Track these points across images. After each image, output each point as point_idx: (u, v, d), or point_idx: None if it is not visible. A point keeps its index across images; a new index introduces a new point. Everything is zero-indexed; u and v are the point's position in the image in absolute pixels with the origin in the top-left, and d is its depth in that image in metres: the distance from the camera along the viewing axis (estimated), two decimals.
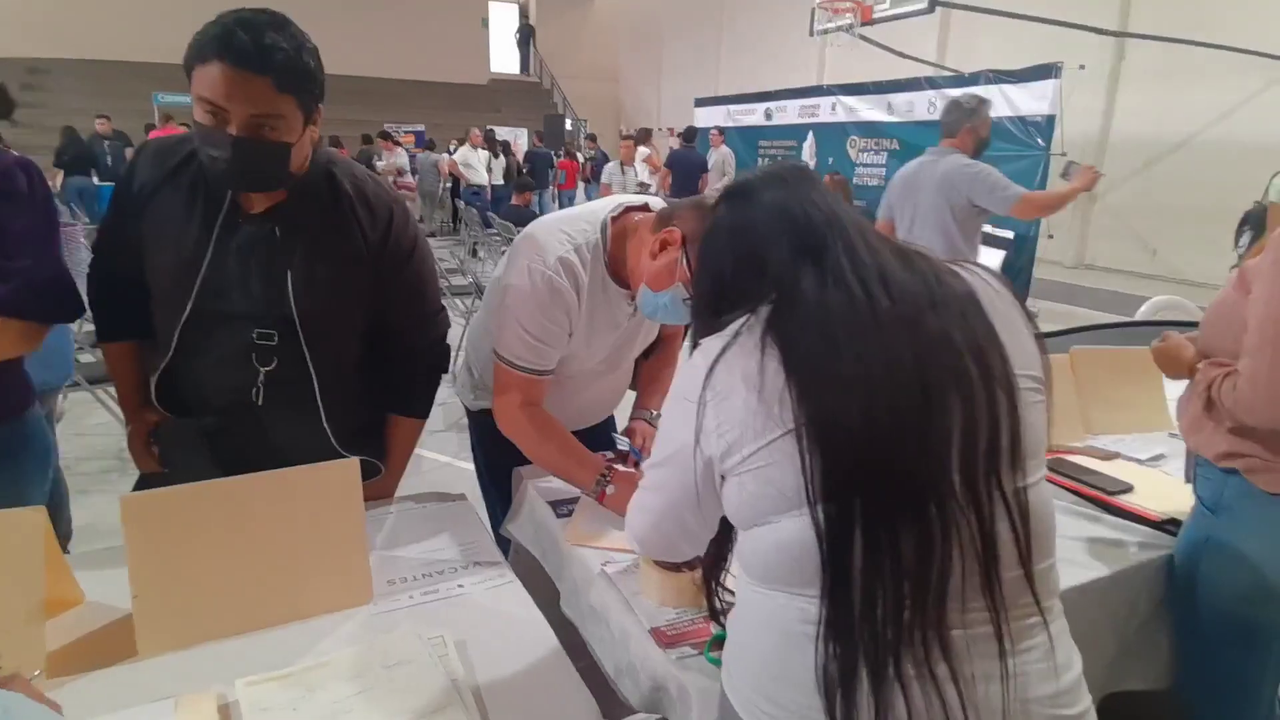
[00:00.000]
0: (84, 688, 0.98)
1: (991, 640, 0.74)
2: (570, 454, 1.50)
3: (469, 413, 1.82)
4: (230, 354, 1.31)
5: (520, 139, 13.78)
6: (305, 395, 1.34)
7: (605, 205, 1.53)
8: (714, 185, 6.80)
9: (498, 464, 1.74)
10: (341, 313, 1.36)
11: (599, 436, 1.78)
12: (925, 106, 8.06)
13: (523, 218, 6.27)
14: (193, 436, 1.35)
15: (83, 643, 1.06)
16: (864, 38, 8.57)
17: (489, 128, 11.82)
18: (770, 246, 0.83)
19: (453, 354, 1.60)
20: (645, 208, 1.53)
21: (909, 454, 0.72)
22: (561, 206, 11.97)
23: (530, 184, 7.38)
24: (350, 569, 1.18)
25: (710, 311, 0.87)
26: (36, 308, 1.31)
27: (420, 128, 14.63)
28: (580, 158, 12.95)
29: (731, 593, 0.93)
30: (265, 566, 1.11)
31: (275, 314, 1.30)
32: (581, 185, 12.49)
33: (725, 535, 0.93)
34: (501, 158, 10.67)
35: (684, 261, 1.33)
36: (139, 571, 1.04)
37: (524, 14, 20.66)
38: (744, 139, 11.01)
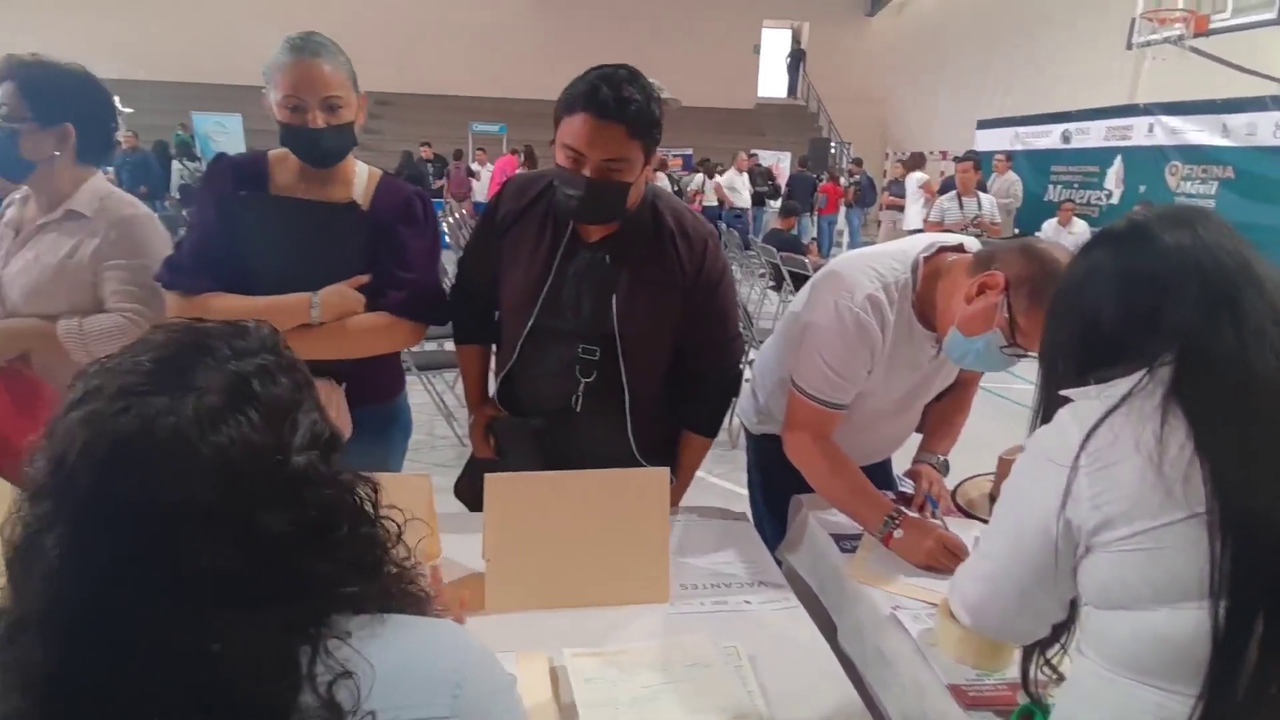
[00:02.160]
0: None
1: None
2: (859, 492, 1.51)
3: (749, 435, 1.89)
4: (559, 365, 1.50)
5: (783, 163, 13.87)
6: (616, 406, 1.50)
7: (916, 244, 1.52)
8: (991, 216, 6.27)
9: (774, 488, 1.79)
10: (655, 334, 1.50)
11: (878, 475, 1.76)
12: (1271, 129, 6.82)
13: (785, 242, 6.32)
14: (523, 433, 1.57)
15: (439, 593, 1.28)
16: (1196, 50, 7.45)
17: (752, 151, 12.06)
18: (1171, 298, 0.74)
19: None
20: (960, 248, 1.49)
21: None
22: (821, 232, 11.87)
23: (795, 208, 7.41)
24: (653, 568, 1.29)
25: (1073, 365, 0.81)
26: (421, 312, 1.60)
27: (688, 151, 15.34)
28: (843, 182, 12.72)
29: (1050, 665, 0.88)
30: (585, 552, 1.26)
31: (599, 332, 1.47)
32: (843, 210, 12.27)
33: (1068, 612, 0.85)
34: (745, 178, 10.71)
35: (1004, 308, 1.29)
36: (493, 539, 1.23)
37: (796, 38, 20.81)
38: (1033, 164, 10.11)
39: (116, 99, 1.74)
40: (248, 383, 0.55)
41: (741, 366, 1.67)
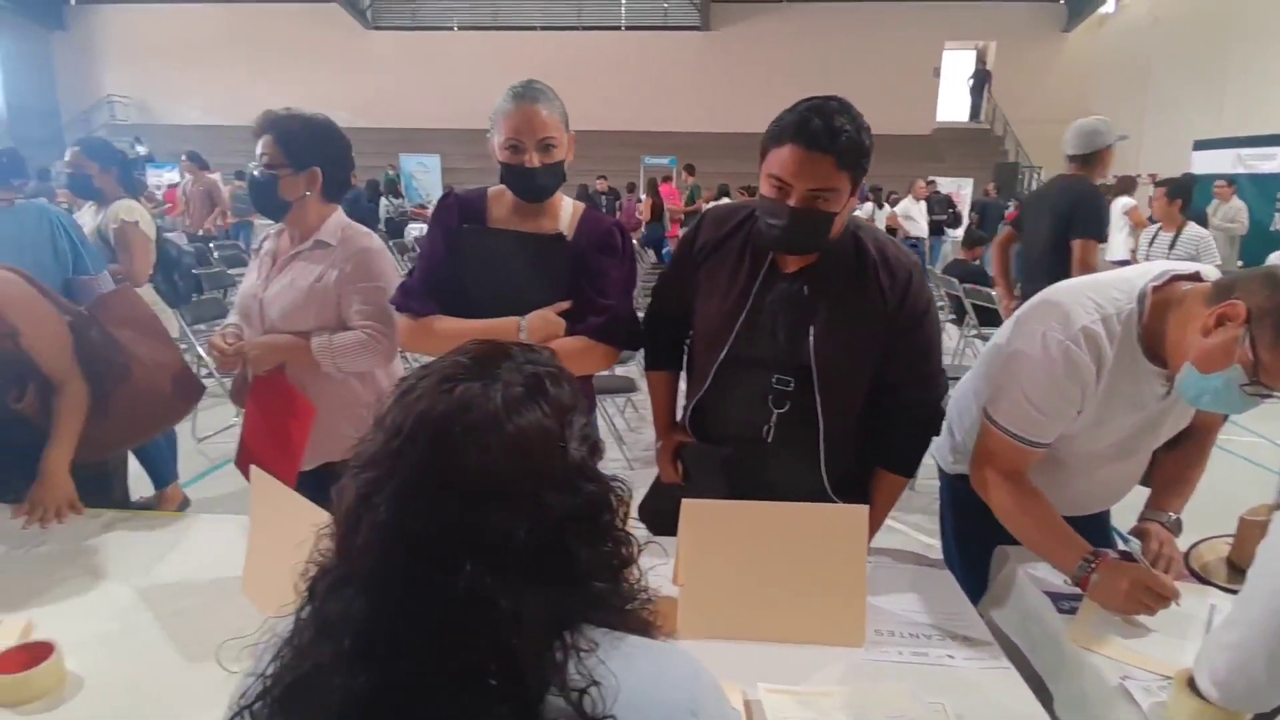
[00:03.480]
0: None
1: None
2: (1051, 530, 1.39)
3: (944, 475, 1.79)
4: (751, 394, 1.49)
5: (964, 189, 13.14)
6: (810, 439, 1.47)
7: (1145, 271, 1.38)
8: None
9: (969, 534, 1.68)
10: (853, 366, 1.45)
11: (1095, 529, 1.59)
12: None
13: (969, 273, 5.95)
14: (712, 460, 1.57)
15: None
16: None
17: (930, 178, 11.53)
18: None
19: None
20: (1196, 276, 1.34)
21: None
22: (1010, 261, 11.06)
23: (983, 238, 6.94)
24: (848, 609, 1.25)
25: None
26: (617, 337, 1.66)
27: None
28: None
29: None
30: (779, 586, 1.24)
31: (794, 363, 1.45)
32: None
33: None
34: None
35: (1246, 341, 1.15)
36: (688, 564, 1.24)
37: (980, 59, 19.74)
38: (1259, 189, 8.90)
39: None
40: (541, 381, 0.64)
41: (943, 405, 1.58)
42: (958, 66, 19.67)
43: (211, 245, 8.37)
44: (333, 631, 0.59)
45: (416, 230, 10.55)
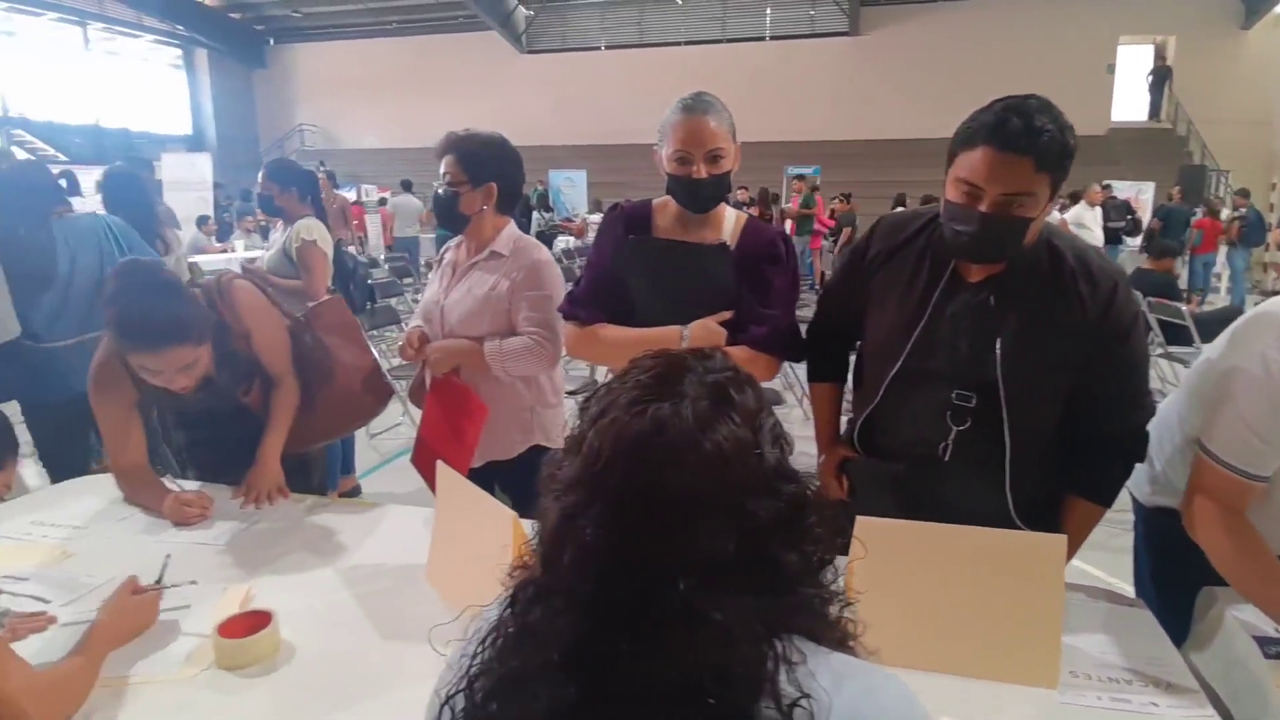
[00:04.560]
0: None
1: None
2: (1274, 581, 1.23)
3: (1139, 507, 1.63)
4: (927, 410, 1.42)
5: (1144, 194, 11.97)
6: (994, 459, 1.38)
7: None
8: None
9: (1168, 573, 1.52)
10: (1046, 383, 1.35)
11: None
12: None
13: (1157, 286, 5.39)
14: (881, 477, 1.52)
15: None
16: None
17: (1105, 182, 10.59)
18: None
19: None
20: None
21: None
22: (1194, 274, 9.99)
23: (1174, 249, 6.24)
24: (1040, 647, 1.16)
25: None
26: (780, 347, 1.64)
27: None
28: (1224, 216, 10.57)
29: None
30: (961, 615, 1.17)
31: (977, 378, 1.37)
32: (1223, 249, 10.21)
33: None
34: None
35: None
36: (860, 584, 1.20)
37: (1159, 54, 17.93)
38: None
39: None
40: (726, 389, 0.64)
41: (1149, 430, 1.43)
42: (1132, 63, 17.97)
43: (381, 258, 9.07)
44: (536, 641, 0.61)
45: (563, 243, 10.98)
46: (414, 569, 1.48)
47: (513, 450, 1.95)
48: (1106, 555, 2.18)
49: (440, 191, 1.91)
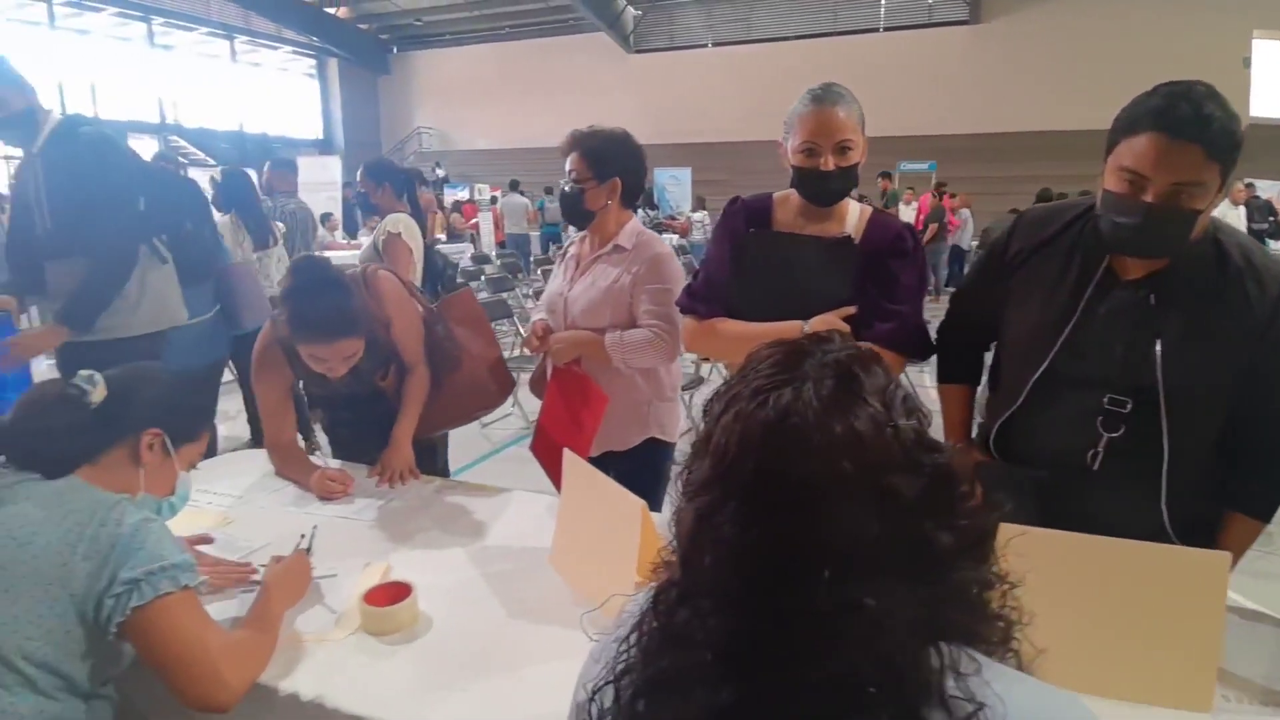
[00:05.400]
0: None
1: None
2: None
3: None
4: (1074, 415, 1.34)
5: None
6: (1149, 470, 1.29)
7: None
8: None
9: None
10: (1209, 389, 1.25)
11: None
12: None
13: None
14: (1020, 485, 1.44)
15: None
16: None
17: (1248, 181, 9.67)
18: None
19: None
20: None
21: None
22: None
23: None
24: (1195, 668, 1.08)
25: None
26: (906, 345, 1.59)
27: None
28: None
29: None
30: (1107, 632, 1.10)
31: (1132, 382, 1.28)
32: None
33: None
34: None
35: None
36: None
37: None
38: None
39: None
40: (849, 367, 0.61)
41: None
42: (1271, 57, 16.22)
43: (493, 254, 9.38)
44: (685, 644, 0.60)
45: (668, 241, 11.02)
46: (537, 553, 1.53)
47: (628, 442, 1.98)
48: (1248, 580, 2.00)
49: (566, 188, 1.96)
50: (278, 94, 22.24)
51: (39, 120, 2.27)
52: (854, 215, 1.66)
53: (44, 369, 3.25)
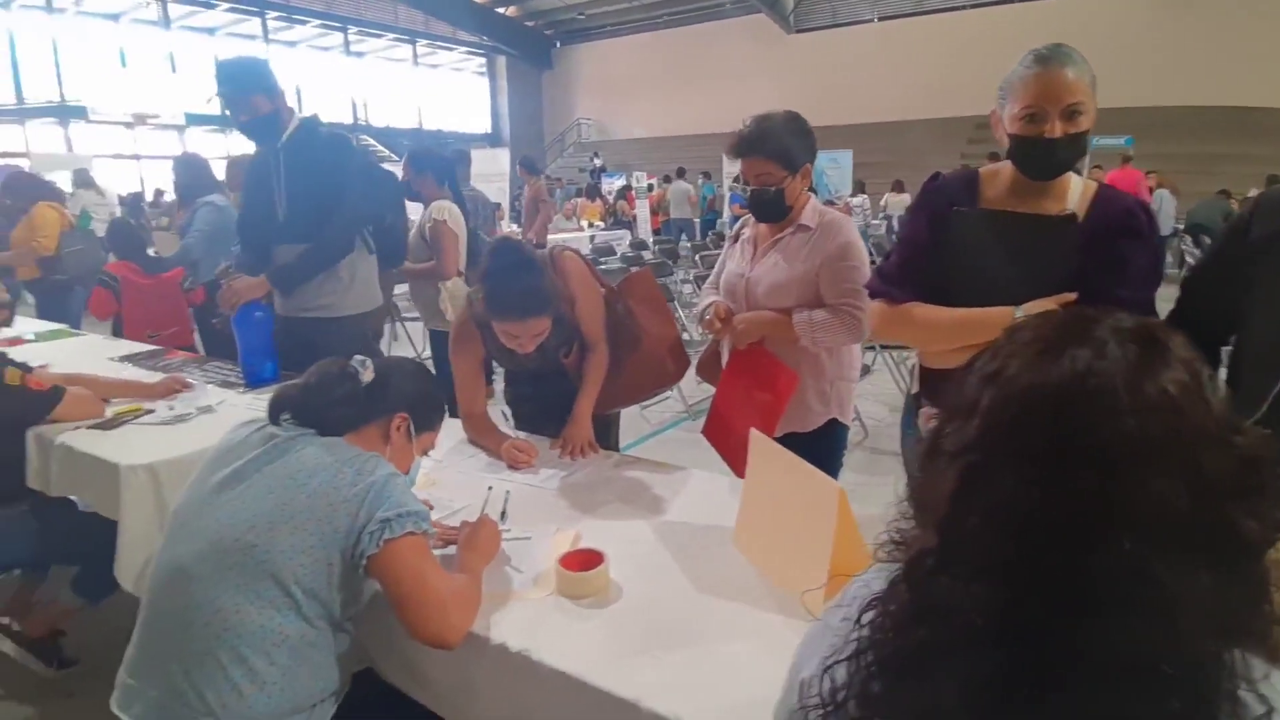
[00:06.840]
0: None
1: None
2: None
3: None
4: None
5: None
6: None
7: None
8: None
9: None
10: None
11: None
12: None
13: None
14: None
15: None
16: None
17: None
18: None
19: None
20: None
21: None
22: None
23: None
24: None
25: None
26: None
27: None
28: None
29: None
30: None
31: None
32: None
33: None
34: None
35: None
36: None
37: None
38: None
39: None
40: (1152, 332, 0.57)
41: None
42: None
43: (650, 240, 9.53)
44: (945, 613, 0.57)
45: None
46: (719, 531, 1.53)
47: (811, 423, 1.94)
48: None
49: (760, 191, 1.90)
50: (452, 92, 23.84)
51: (283, 121, 2.55)
52: (1076, 190, 1.51)
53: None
